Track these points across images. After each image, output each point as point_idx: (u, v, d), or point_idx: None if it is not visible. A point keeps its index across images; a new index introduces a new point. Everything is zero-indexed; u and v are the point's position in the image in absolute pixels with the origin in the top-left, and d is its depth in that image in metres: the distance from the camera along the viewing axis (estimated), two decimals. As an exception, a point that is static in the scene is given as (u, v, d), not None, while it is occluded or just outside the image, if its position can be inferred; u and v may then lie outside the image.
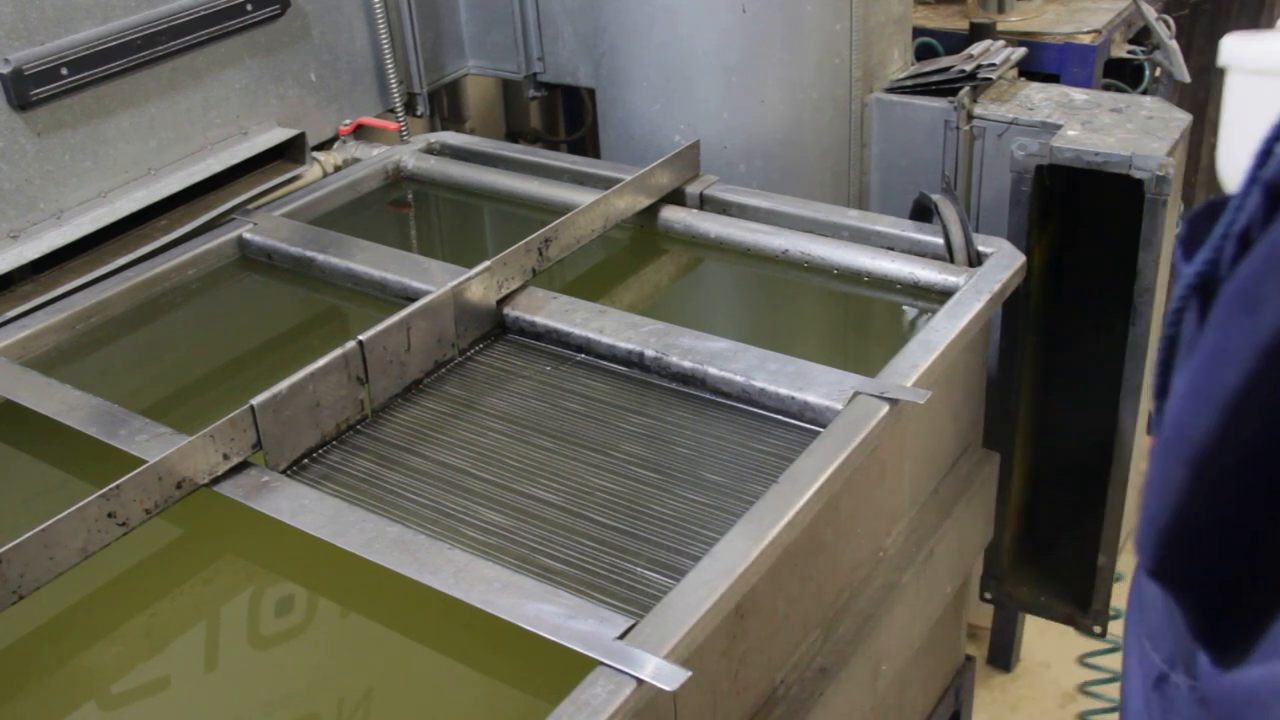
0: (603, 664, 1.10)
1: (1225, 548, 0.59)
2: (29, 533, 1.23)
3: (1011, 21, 2.63)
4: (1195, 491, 0.56)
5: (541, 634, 1.14)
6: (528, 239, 1.76)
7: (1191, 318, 0.58)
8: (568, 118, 3.24)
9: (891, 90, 2.18)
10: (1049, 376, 2.16)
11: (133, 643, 1.32)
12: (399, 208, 2.24)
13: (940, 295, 1.75)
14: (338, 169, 2.26)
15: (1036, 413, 2.19)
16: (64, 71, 1.82)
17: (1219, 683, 0.54)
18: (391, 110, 2.40)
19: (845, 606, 1.59)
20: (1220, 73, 1.62)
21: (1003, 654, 2.96)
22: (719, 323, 1.88)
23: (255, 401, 1.41)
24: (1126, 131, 1.94)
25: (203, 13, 1.99)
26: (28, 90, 1.78)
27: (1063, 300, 2.12)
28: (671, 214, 2.01)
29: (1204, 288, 0.57)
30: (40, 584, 1.26)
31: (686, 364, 1.58)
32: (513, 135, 3.14)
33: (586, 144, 3.04)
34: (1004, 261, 1.77)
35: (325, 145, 2.31)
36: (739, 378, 1.54)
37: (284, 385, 1.44)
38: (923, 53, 2.51)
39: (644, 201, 1.98)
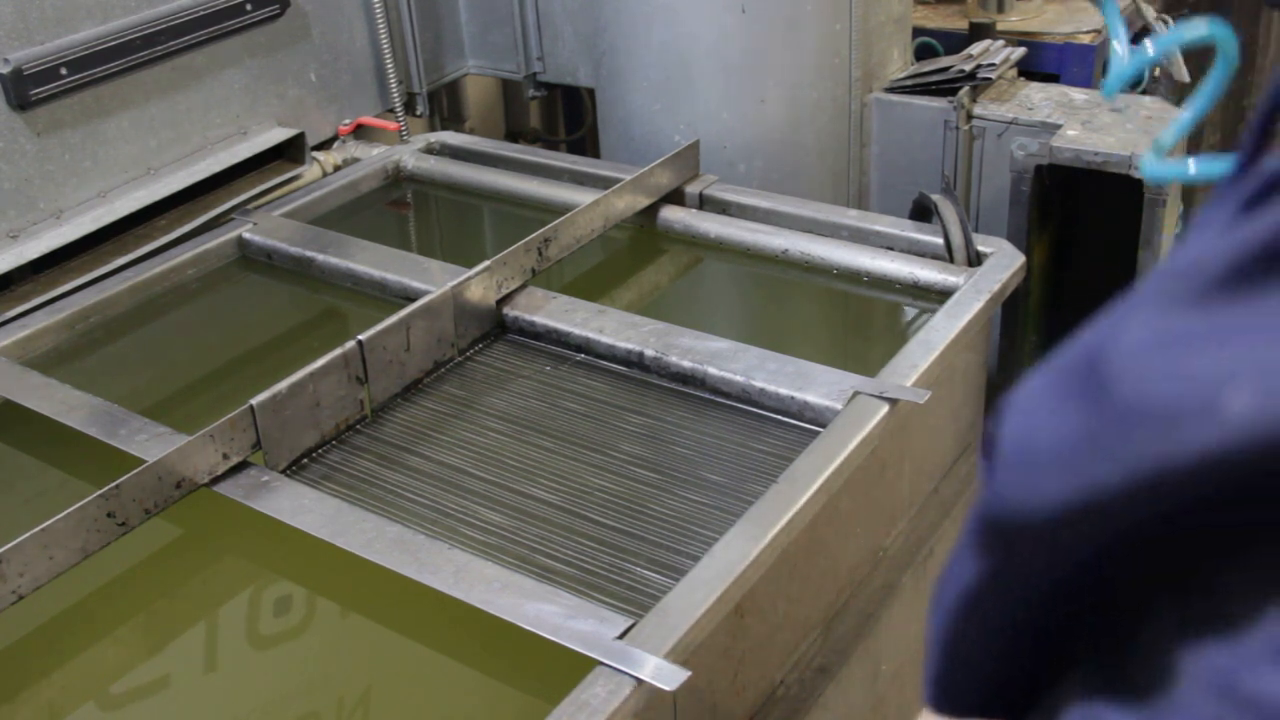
0: (602, 664, 1.10)
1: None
2: (29, 533, 1.23)
3: (1011, 21, 2.63)
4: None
5: (541, 634, 1.14)
6: (527, 239, 1.76)
7: None
8: (568, 118, 3.24)
9: (891, 90, 2.18)
10: (1049, 376, 2.16)
11: (133, 643, 1.32)
12: (399, 207, 2.24)
13: (940, 295, 1.75)
14: (337, 169, 2.26)
15: (1036, 413, 2.19)
16: (64, 71, 1.82)
17: None
18: (391, 110, 2.40)
19: (845, 606, 1.59)
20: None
21: (1002, 654, 2.95)
22: (719, 323, 1.87)
23: (255, 401, 1.41)
24: (1126, 131, 1.94)
25: (202, 13, 1.99)
26: (27, 90, 1.77)
27: (1063, 300, 2.12)
28: (671, 214, 2.01)
29: None
30: (40, 584, 1.26)
31: (686, 364, 1.58)
32: (512, 135, 3.14)
33: (586, 144, 3.03)
34: (1004, 261, 1.77)
35: (325, 145, 2.31)
36: (739, 378, 1.54)
37: (284, 385, 1.44)
38: (923, 53, 2.51)
39: (644, 201, 1.98)
